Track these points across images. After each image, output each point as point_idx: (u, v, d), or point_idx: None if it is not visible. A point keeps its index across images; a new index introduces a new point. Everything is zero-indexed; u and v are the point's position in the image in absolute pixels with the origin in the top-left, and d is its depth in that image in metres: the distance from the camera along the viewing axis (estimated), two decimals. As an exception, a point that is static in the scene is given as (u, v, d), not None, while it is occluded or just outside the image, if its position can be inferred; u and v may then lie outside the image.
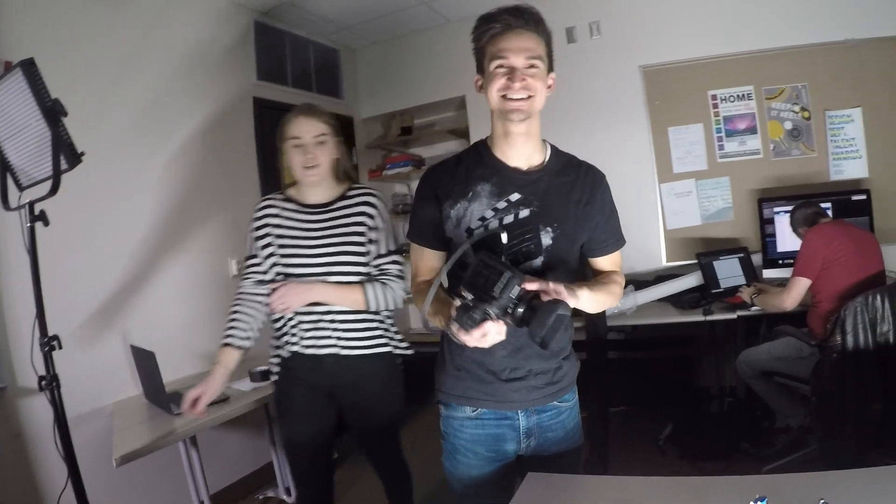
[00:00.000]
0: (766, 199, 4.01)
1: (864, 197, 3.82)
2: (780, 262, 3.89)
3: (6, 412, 2.64)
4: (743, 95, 4.29)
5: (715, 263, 3.79)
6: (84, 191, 2.88)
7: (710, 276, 3.75)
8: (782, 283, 3.36)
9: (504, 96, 1.49)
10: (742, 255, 3.87)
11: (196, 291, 3.60)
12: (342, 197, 2.23)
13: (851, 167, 4.09)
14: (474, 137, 4.78)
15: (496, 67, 1.48)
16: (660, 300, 3.88)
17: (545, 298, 1.27)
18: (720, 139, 4.34)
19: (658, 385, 4.11)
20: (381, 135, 5.55)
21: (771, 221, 3.95)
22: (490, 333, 1.28)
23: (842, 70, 4.10)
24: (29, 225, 2.02)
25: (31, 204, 2.02)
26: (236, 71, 4.07)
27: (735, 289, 3.65)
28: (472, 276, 1.29)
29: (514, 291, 1.26)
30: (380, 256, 2.22)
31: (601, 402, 3.56)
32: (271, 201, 2.28)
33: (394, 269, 2.24)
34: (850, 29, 3.99)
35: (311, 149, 2.12)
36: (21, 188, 2.11)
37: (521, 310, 1.26)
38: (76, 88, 2.91)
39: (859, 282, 3.00)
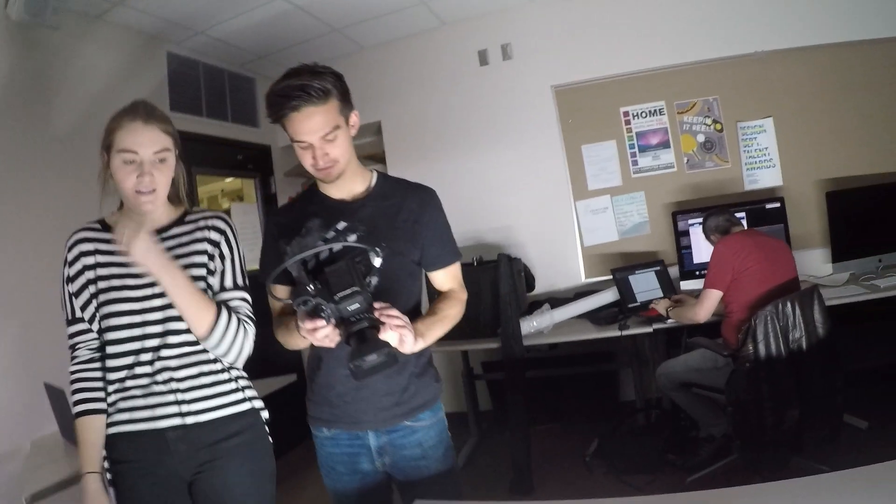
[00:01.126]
0: (680, 211, 4.03)
1: (778, 205, 3.87)
2: (697, 273, 3.89)
3: None
4: (655, 111, 4.34)
5: (630, 278, 3.77)
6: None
7: (626, 291, 3.73)
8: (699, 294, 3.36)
9: (315, 167, 1.60)
10: (658, 268, 3.85)
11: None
12: (179, 222, 1.74)
13: (766, 176, 4.15)
14: (391, 161, 4.76)
15: (297, 145, 1.59)
16: (578, 317, 3.84)
17: (385, 332, 1.37)
18: (633, 155, 4.37)
19: (582, 401, 4.06)
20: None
21: (686, 234, 3.98)
22: (320, 331, 1.37)
23: (751, 82, 4.20)
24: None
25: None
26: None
27: (650, 302, 3.64)
28: (330, 272, 1.37)
29: (354, 306, 1.32)
30: (224, 290, 1.72)
31: (521, 421, 3.49)
32: (84, 233, 1.68)
33: (244, 307, 1.73)
34: (757, 41, 4.10)
35: (148, 168, 1.58)
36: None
37: (353, 328, 1.32)
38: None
39: (770, 290, 3.00)
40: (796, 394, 2.79)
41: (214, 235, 1.73)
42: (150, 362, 1.61)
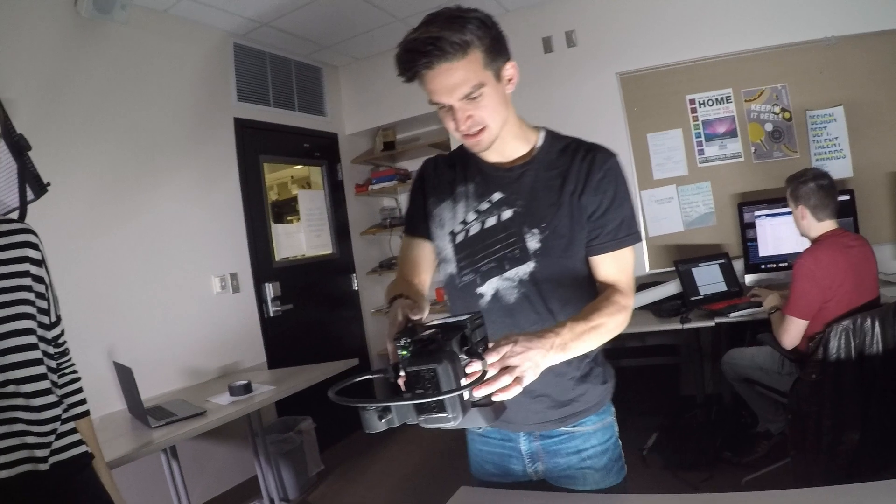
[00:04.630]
0: (747, 203, 3.96)
1: (847, 198, 3.75)
2: (763, 266, 3.85)
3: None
4: (721, 99, 4.25)
5: (694, 270, 3.74)
6: (70, 213, 3.06)
7: (689, 284, 3.70)
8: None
9: (459, 132, 1.34)
10: (723, 261, 3.81)
11: (177, 309, 3.65)
12: None
13: (836, 167, 4.01)
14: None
15: (437, 107, 1.33)
16: (642, 308, 3.83)
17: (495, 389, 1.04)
18: (700, 144, 4.29)
19: (643, 394, 4.06)
20: (367, 150, 5.57)
21: (752, 226, 3.90)
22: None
23: (822, 69, 4.05)
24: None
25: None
26: (216, 94, 4.13)
27: (714, 296, 3.61)
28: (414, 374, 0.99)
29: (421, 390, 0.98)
30: (55, 324, 1.53)
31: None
32: None
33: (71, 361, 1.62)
34: (828, 26, 3.94)
35: None
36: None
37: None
38: (57, 120, 3.09)
39: (851, 311, 2.74)
40: (861, 417, 2.59)
41: (32, 253, 1.46)
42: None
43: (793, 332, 2.81)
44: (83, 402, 1.60)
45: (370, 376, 1.10)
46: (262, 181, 4.46)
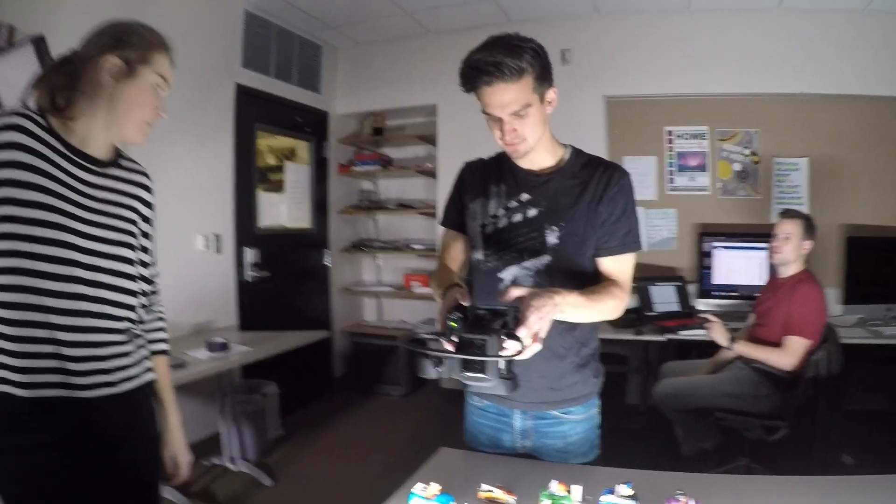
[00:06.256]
0: (707, 233, 4.29)
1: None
2: (713, 293, 4.17)
3: None
4: (697, 134, 4.57)
5: (651, 288, 4.04)
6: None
7: (646, 300, 3.99)
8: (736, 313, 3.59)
9: (503, 140, 1.58)
10: (678, 283, 4.12)
11: (162, 266, 3.70)
12: (116, 159, 1.53)
13: (792, 213, 4.37)
14: (442, 144, 5.02)
15: (487, 117, 1.56)
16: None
17: (526, 307, 1.29)
18: (671, 173, 4.62)
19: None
20: (354, 132, 5.73)
21: (709, 255, 4.23)
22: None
23: (793, 121, 4.42)
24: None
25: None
26: (220, 56, 4.21)
27: (668, 314, 3.90)
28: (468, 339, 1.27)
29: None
30: (151, 265, 1.66)
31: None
32: (24, 120, 1.32)
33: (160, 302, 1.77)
34: (804, 83, 4.30)
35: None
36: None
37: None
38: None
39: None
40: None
41: (145, 194, 1.58)
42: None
43: (801, 353, 3.04)
44: (164, 340, 1.74)
45: (429, 336, 1.36)
46: (254, 148, 4.58)
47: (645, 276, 4.16)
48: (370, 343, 5.28)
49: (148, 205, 1.57)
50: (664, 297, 4.05)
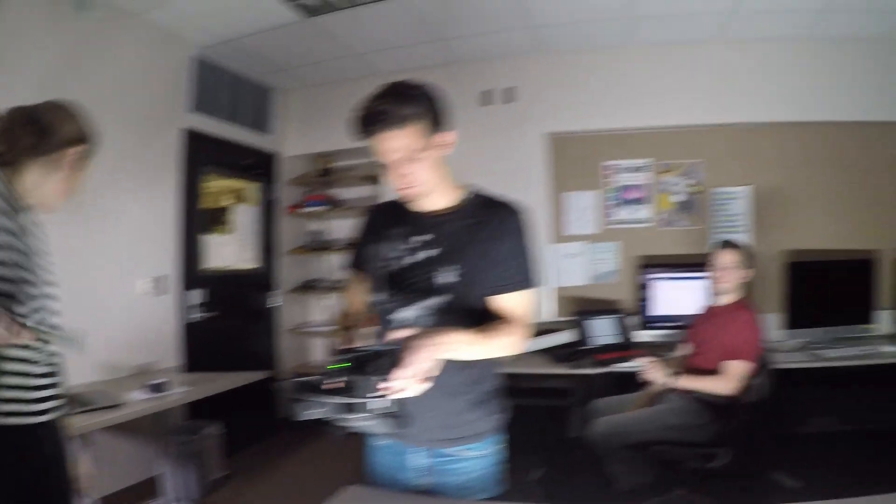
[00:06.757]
0: (647, 265, 4.33)
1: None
2: (653, 325, 4.21)
3: None
4: (639, 167, 4.64)
5: (588, 322, 4.06)
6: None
7: (585, 333, 4.02)
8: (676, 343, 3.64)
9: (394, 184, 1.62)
10: (618, 315, 4.14)
11: (101, 307, 3.70)
12: None
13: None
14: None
15: (382, 164, 1.59)
16: (541, 352, 4.09)
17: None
18: (612, 206, 4.68)
19: (533, 432, 4.31)
20: (304, 173, 5.78)
21: (648, 286, 4.27)
22: None
23: (737, 150, 4.53)
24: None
25: None
26: (166, 101, 4.26)
27: (608, 346, 3.93)
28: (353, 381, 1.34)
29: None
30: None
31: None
32: None
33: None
34: (745, 113, 4.43)
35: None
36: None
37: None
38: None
39: None
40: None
41: None
42: None
43: (741, 376, 3.08)
44: None
45: (308, 379, 1.38)
46: (200, 192, 4.61)
47: (584, 310, 4.20)
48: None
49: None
50: (604, 330, 4.06)
